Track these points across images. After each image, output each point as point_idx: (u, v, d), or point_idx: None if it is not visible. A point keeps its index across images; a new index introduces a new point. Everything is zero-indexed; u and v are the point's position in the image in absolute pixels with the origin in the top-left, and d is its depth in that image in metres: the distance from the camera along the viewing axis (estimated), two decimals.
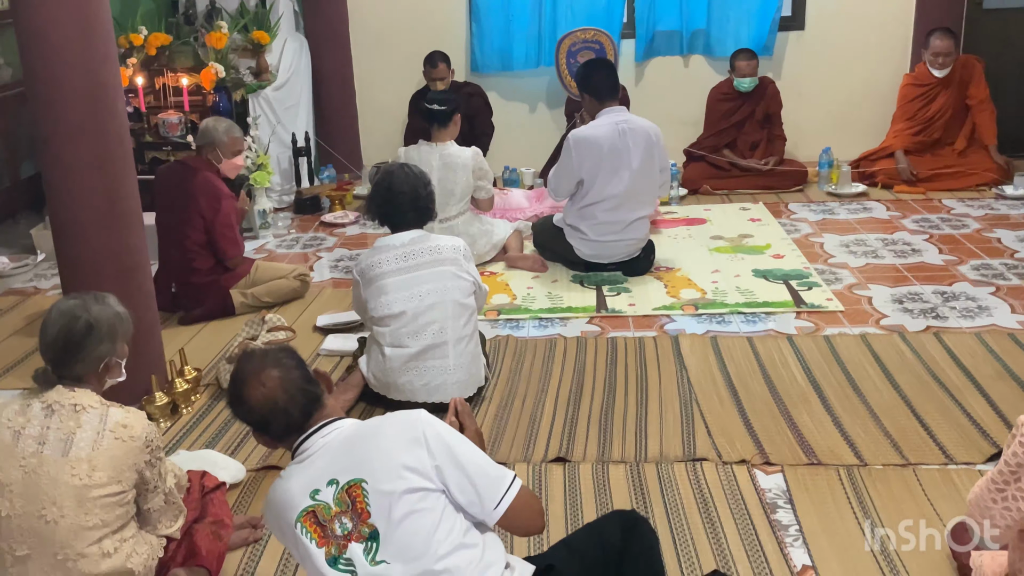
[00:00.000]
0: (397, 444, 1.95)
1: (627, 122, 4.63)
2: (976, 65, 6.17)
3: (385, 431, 1.99)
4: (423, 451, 1.94)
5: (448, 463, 1.95)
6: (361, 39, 6.84)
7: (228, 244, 4.42)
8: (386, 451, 1.95)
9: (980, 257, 4.84)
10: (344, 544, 1.93)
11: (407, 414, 2.03)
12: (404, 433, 1.97)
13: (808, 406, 3.41)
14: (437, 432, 1.98)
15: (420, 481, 1.92)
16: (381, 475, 1.92)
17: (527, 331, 4.22)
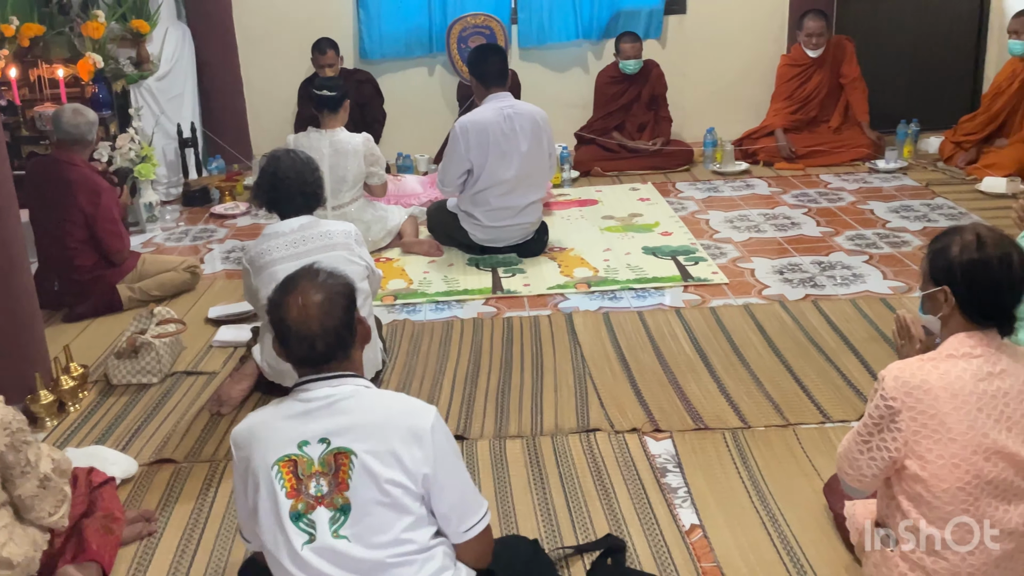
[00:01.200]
0: (399, 432, 1.91)
1: (512, 107, 4.69)
2: (847, 45, 6.44)
3: (393, 413, 1.95)
4: (419, 451, 1.90)
5: (439, 474, 1.92)
6: (246, 26, 6.72)
7: (112, 239, 4.31)
8: (386, 433, 1.90)
9: (855, 228, 5.08)
10: (313, 505, 1.90)
11: (418, 405, 1.98)
12: (410, 424, 1.92)
13: (695, 375, 3.54)
14: (442, 439, 1.95)
15: (404, 479, 1.89)
16: (373, 454, 1.89)
17: (424, 315, 4.25)
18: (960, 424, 2.04)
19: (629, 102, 6.55)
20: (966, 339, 2.11)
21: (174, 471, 3.08)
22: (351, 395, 1.94)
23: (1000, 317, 2.12)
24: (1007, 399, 2.08)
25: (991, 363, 2.09)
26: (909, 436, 2.07)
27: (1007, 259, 2.09)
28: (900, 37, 6.96)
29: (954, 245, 2.12)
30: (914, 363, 2.12)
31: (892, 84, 6.90)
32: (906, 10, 6.94)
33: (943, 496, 2.05)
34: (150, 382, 3.66)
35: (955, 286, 2.11)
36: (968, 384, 2.06)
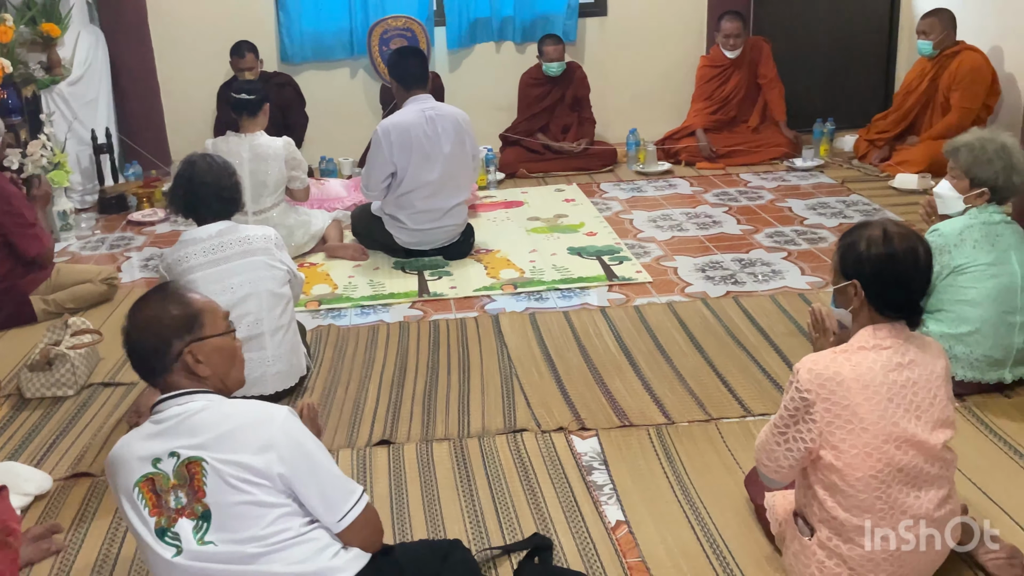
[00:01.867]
0: (246, 436, 1.95)
1: (434, 109, 4.68)
2: (764, 46, 6.58)
3: (240, 420, 1.98)
4: (272, 455, 1.94)
5: (298, 472, 1.95)
6: (162, 30, 6.57)
7: (29, 242, 4.15)
8: (236, 439, 1.94)
9: (774, 225, 5.19)
10: (175, 518, 1.93)
11: (266, 410, 2.01)
12: (257, 429, 1.96)
13: (620, 372, 3.57)
14: (294, 438, 1.98)
15: (259, 479, 1.93)
16: (223, 460, 1.92)
17: (349, 319, 4.22)
18: (871, 414, 2.11)
19: (553, 104, 6.59)
20: (876, 331, 2.17)
21: (91, 485, 3.00)
22: (201, 409, 2.00)
23: (908, 310, 2.20)
24: (916, 388, 2.15)
25: (900, 354, 2.15)
26: (823, 427, 2.12)
27: (913, 253, 2.16)
28: (815, 38, 7.13)
29: (862, 240, 2.19)
30: (827, 355, 2.17)
31: (808, 84, 7.07)
32: (820, 12, 7.12)
33: (857, 484, 2.11)
34: (65, 394, 3.56)
35: (864, 280, 2.18)
36: (879, 375, 2.13)
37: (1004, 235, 3.18)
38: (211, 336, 2.07)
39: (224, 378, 2.10)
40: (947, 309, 3.19)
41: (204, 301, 2.13)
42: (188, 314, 2.06)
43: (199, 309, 2.08)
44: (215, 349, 2.08)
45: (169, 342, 2.03)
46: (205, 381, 2.06)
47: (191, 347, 2.04)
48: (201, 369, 2.05)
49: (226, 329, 2.13)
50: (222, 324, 2.12)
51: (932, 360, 2.20)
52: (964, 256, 3.14)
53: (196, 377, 2.05)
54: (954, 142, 3.25)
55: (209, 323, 2.08)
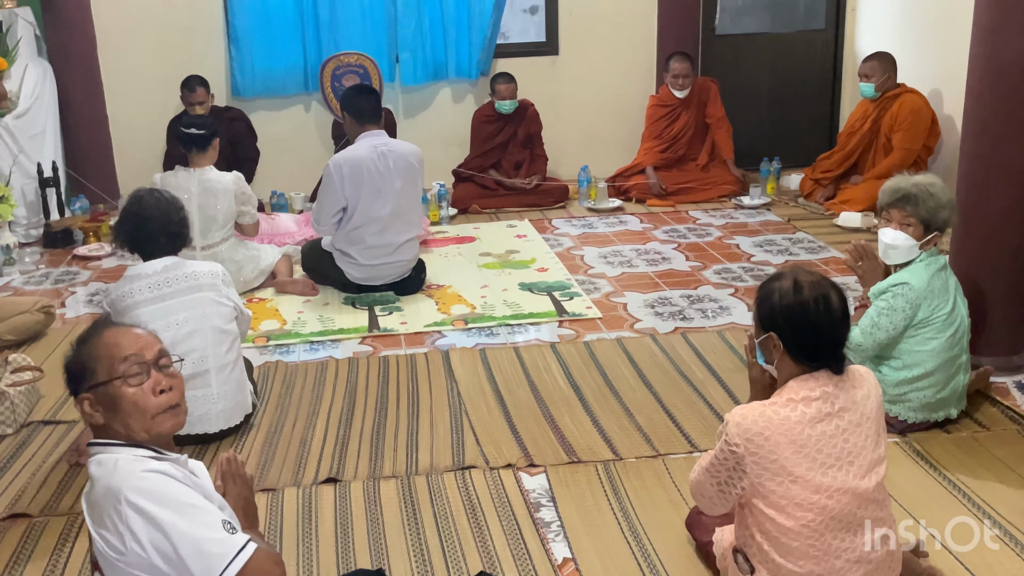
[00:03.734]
0: (106, 510, 1.83)
1: (387, 145, 4.70)
2: (712, 86, 6.71)
3: (102, 489, 1.85)
4: (125, 536, 1.80)
5: (153, 548, 1.80)
6: (112, 64, 6.53)
7: None
8: (100, 510, 1.84)
9: (721, 262, 5.26)
10: (92, 569, 1.92)
11: (112, 484, 1.84)
12: (107, 507, 1.83)
13: (569, 408, 3.58)
14: (139, 512, 1.81)
15: (120, 557, 1.82)
16: (93, 529, 1.86)
17: (297, 355, 4.18)
18: (799, 467, 2.11)
19: (505, 141, 6.64)
20: (804, 383, 2.18)
21: (28, 526, 2.92)
22: (92, 467, 1.91)
23: (827, 357, 2.19)
24: (846, 436, 2.16)
25: (830, 404, 2.16)
26: (754, 479, 2.14)
27: (824, 300, 2.16)
28: (762, 79, 7.30)
29: (774, 292, 2.20)
30: (756, 409, 2.17)
31: (755, 124, 7.22)
32: (767, 54, 7.29)
33: (789, 533, 2.13)
34: (4, 433, 3.48)
35: (779, 331, 2.19)
36: (806, 428, 2.13)
37: (950, 279, 3.23)
38: (98, 384, 1.93)
39: (125, 427, 1.93)
40: (905, 356, 3.21)
41: (104, 344, 1.97)
42: (80, 362, 1.97)
43: (91, 354, 1.96)
44: (105, 398, 1.93)
45: (73, 390, 1.98)
46: (107, 430, 1.95)
47: (85, 395, 1.95)
48: (93, 419, 1.95)
49: (119, 375, 1.93)
50: (117, 369, 1.93)
51: (863, 400, 2.20)
52: (929, 308, 3.15)
53: (96, 426, 1.96)
54: (903, 190, 3.17)
55: (102, 369, 1.94)
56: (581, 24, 7.03)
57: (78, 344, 2.01)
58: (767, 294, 2.22)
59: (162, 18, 6.57)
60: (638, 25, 7.03)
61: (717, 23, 7.16)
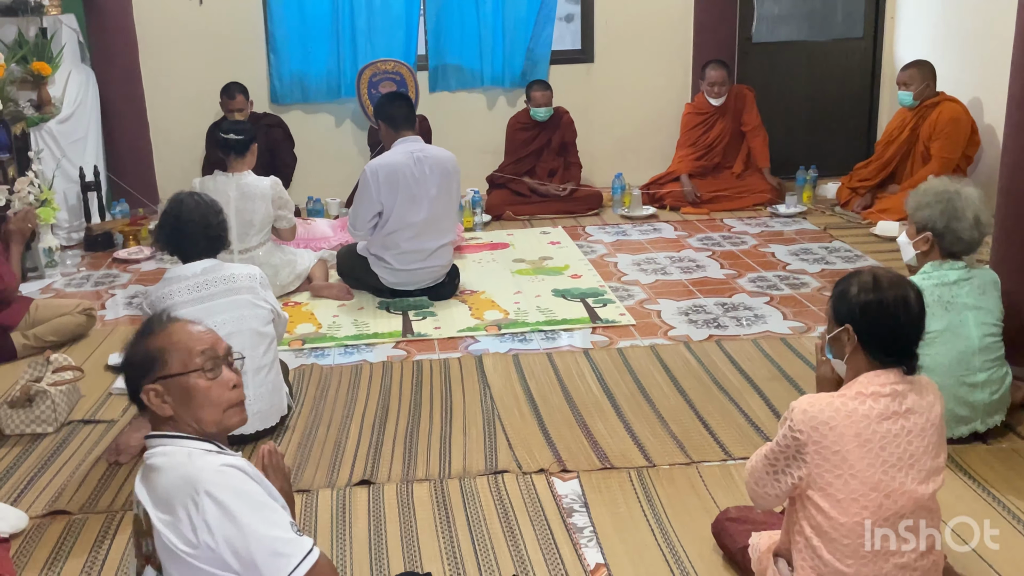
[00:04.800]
0: (177, 501, 1.84)
1: (422, 151, 4.73)
2: (748, 94, 6.68)
3: (174, 479, 1.86)
4: (198, 528, 1.81)
5: (225, 543, 1.81)
6: (153, 71, 6.63)
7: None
8: (169, 500, 1.85)
9: (756, 270, 5.23)
10: (144, 563, 1.91)
11: (191, 476, 1.85)
12: (187, 491, 1.83)
13: (602, 414, 3.58)
14: (218, 505, 1.82)
15: (189, 548, 1.82)
16: (161, 520, 1.85)
17: (332, 359, 4.21)
18: (861, 462, 2.11)
19: (540, 148, 6.66)
20: (875, 378, 2.18)
21: (67, 523, 2.97)
22: (158, 458, 1.91)
23: (901, 355, 2.20)
24: (910, 438, 2.15)
25: (898, 403, 2.16)
26: (813, 468, 2.13)
27: (903, 298, 2.19)
28: (798, 87, 7.26)
29: (853, 286, 2.23)
30: (825, 399, 2.18)
31: (791, 132, 7.17)
32: (803, 61, 7.24)
33: (842, 529, 2.12)
34: (45, 431, 3.54)
35: (855, 325, 2.20)
36: (873, 424, 2.13)
37: (959, 296, 3.14)
38: (173, 375, 1.95)
39: (195, 420, 1.95)
40: None
41: (178, 337, 1.99)
42: (150, 352, 1.97)
43: (164, 346, 1.97)
44: (178, 389, 1.95)
45: (137, 382, 1.97)
46: (174, 422, 1.96)
47: (153, 386, 1.95)
48: (162, 409, 1.95)
49: (196, 367, 1.96)
50: (193, 362, 1.96)
51: (929, 407, 2.20)
52: None
53: (160, 417, 1.96)
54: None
55: (177, 361, 1.96)
56: (617, 32, 7.03)
57: (141, 336, 2.01)
58: (846, 288, 2.24)
59: (203, 26, 6.67)
60: (674, 33, 7.02)
61: (753, 31, 7.14)
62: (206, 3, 6.64)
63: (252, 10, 6.74)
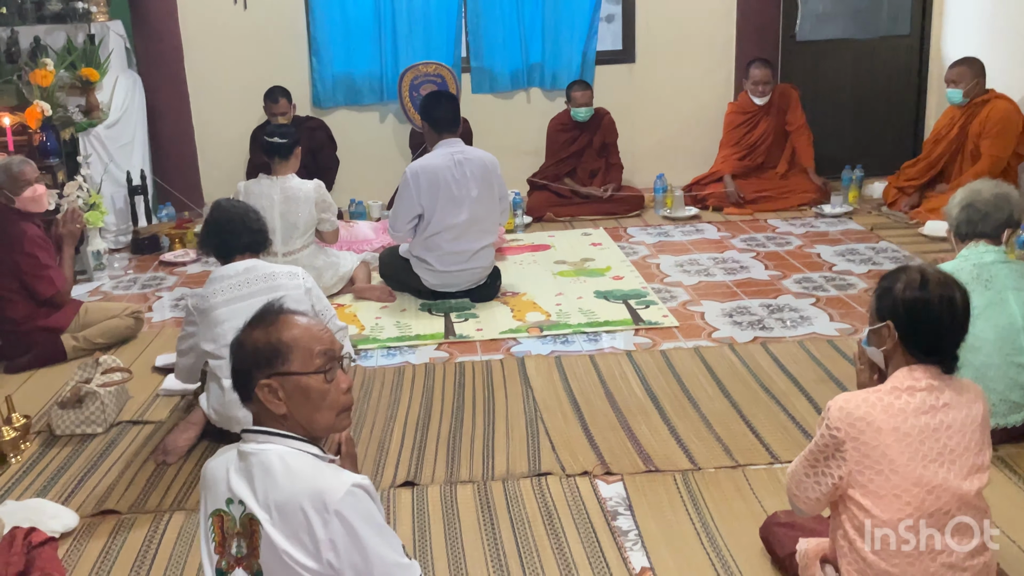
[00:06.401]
0: (303, 512, 1.81)
1: (463, 153, 4.74)
2: (792, 93, 6.60)
3: (300, 491, 1.82)
4: (324, 534, 1.79)
5: (347, 559, 1.80)
6: (198, 75, 6.72)
7: (42, 284, 4.18)
8: (291, 511, 1.81)
9: (802, 271, 5.16)
10: (233, 565, 1.89)
11: (331, 488, 1.82)
12: (315, 505, 1.80)
13: (646, 417, 3.55)
14: (350, 522, 1.81)
15: (309, 561, 1.81)
16: (278, 529, 1.82)
17: (375, 360, 4.23)
18: (901, 456, 2.08)
19: (581, 149, 6.64)
20: (910, 373, 2.16)
21: (116, 523, 3.01)
22: (271, 464, 1.86)
23: (942, 354, 2.17)
24: (949, 432, 2.12)
25: (935, 397, 2.14)
26: (852, 466, 2.11)
27: (949, 299, 2.15)
28: (844, 85, 7.16)
29: (899, 282, 2.20)
30: (860, 395, 2.16)
31: (837, 131, 7.08)
32: (848, 59, 7.15)
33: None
34: (94, 432, 3.59)
35: (897, 321, 2.17)
36: (910, 418, 2.11)
37: (998, 276, 3.14)
38: (292, 373, 1.90)
39: (307, 421, 1.92)
40: None
41: (299, 333, 1.93)
42: (271, 345, 1.91)
43: (286, 341, 1.91)
44: (296, 388, 1.90)
45: (249, 371, 1.92)
46: (285, 421, 1.92)
47: (268, 381, 1.90)
48: (276, 407, 1.90)
49: (316, 368, 1.91)
50: (313, 362, 1.91)
51: (969, 404, 2.17)
52: None
53: (273, 415, 1.92)
54: None
55: (297, 359, 1.90)
56: (658, 32, 6.98)
57: (255, 324, 1.96)
58: (891, 284, 2.21)
59: (246, 30, 6.74)
60: (717, 32, 6.96)
61: (798, 29, 7.05)
62: (249, 7, 6.71)
63: (294, 13, 6.79)
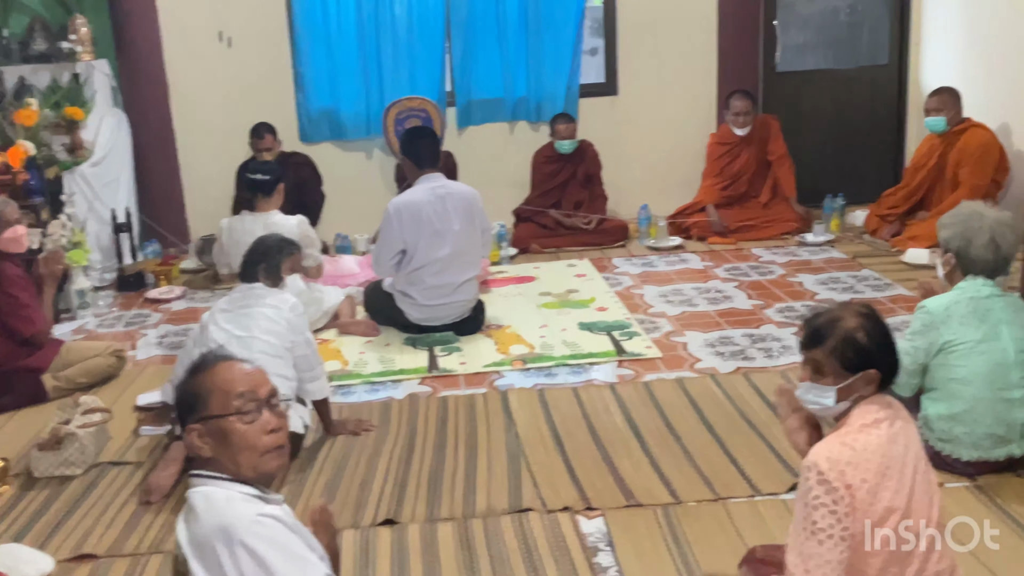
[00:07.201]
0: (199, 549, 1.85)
1: (445, 187, 4.77)
2: (773, 123, 6.66)
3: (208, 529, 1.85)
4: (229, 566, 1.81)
5: None
6: (184, 112, 6.75)
7: (22, 323, 4.17)
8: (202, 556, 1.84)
9: (784, 300, 5.18)
10: None
11: (225, 527, 1.84)
12: (213, 541, 1.83)
13: (628, 450, 3.55)
14: (253, 556, 1.82)
15: None
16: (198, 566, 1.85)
17: (358, 396, 4.23)
18: (887, 491, 2.10)
19: (565, 181, 6.68)
20: (870, 407, 2.18)
21: (93, 567, 2.99)
22: (197, 500, 1.91)
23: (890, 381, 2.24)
24: (908, 455, 2.16)
25: (892, 424, 2.17)
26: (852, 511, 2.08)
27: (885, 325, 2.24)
28: (824, 115, 7.22)
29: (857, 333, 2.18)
30: (835, 442, 2.15)
31: (818, 160, 7.13)
32: (829, 90, 7.22)
33: (868, 558, 2.09)
34: (74, 474, 3.57)
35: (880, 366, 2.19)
36: (883, 448, 2.13)
37: (994, 309, 3.17)
38: (211, 417, 1.95)
39: (233, 463, 1.94)
40: (940, 388, 3.19)
41: (221, 378, 1.98)
42: (194, 391, 1.99)
43: (207, 386, 1.98)
44: (217, 431, 1.95)
45: (183, 418, 1.99)
46: (214, 463, 1.95)
47: (194, 426, 1.96)
48: (202, 450, 1.95)
49: (234, 410, 1.95)
50: (231, 405, 1.95)
51: (908, 420, 2.24)
52: (952, 332, 3.15)
53: (203, 457, 1.96)
54: None
55: (216, 402, 1.95)
56: (640, 65, 7.04)
57: (190, 373, 2.03)
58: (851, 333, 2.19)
59: (232, 67, 6.77)
60: (698, 64, 7.02)
61: (778, 60, 7.12)
62: (235, 45, 6.75)
63: (280, 50, 6.84)
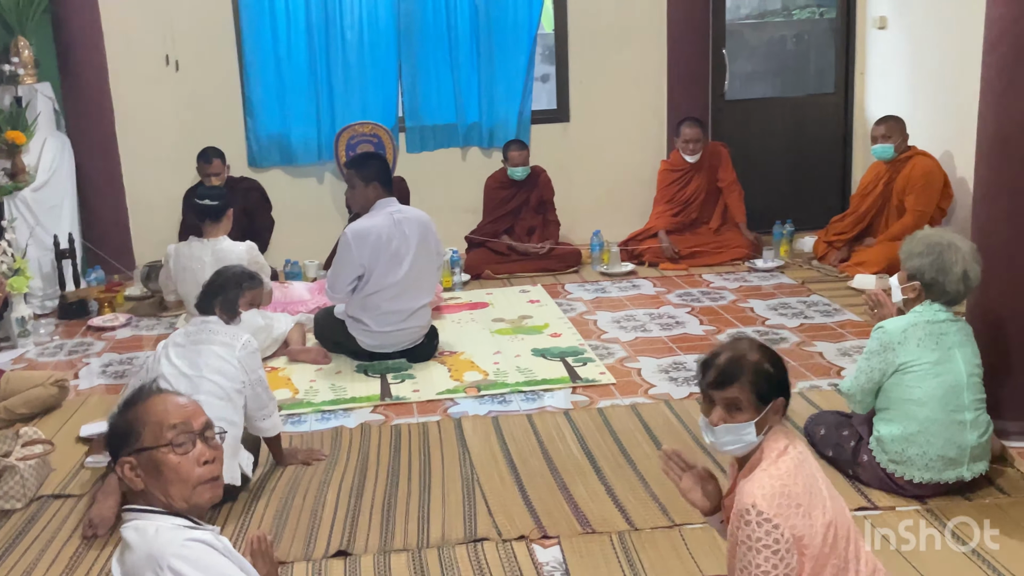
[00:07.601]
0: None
1: (400, 212, 4.74)
2: (723, 150, 6.75)
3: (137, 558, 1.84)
4: None
5: None
6: (129, 137, 6.64)
7: None
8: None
9: (736, 326, 5.22)
10: None
11: (154, 545, 1.85)
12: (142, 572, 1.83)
13: (583, 477, 3.53)
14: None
15: None
16: None
17: (309, 425, 4.16)
18: (817, 508, 2.13)
19: (518, 206, 6.68)
20: (776, 435, 2.22)
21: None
22: (130, 534, 1.91)
23: None
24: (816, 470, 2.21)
25: (795, 445, 2.21)
26: (794, 541, 2.08)
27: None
28: (773, 142, 7.34)
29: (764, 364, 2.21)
30: (763, 478, 2.13)
31: (767, 187, 7.23)
32: (777, 118, 7.34)
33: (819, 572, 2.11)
34: (13, 508, 3.45)
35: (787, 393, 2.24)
36: (801, 469, 2.16)
37: (949, 333, 3.24)
38: (143, 449, 1.93)
39: (164, 495, 1.93)
40: (894, 408, 3.24)
41: (155, 410, 1.97)
42: (128, 424, 1.97)
43: (140, 418, 1.96)
44: (149, 463, 1.93)
45: (116, 452, 1.97)
46: (146, 496, 1.94)
47: (127, 459, 1.94)
48: (134, 483, 1.94)
49: (166, 442, 1.93)
50: (164, 436, 1.94)
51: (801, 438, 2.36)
52: (908, 354, 3.20)
53: (135, 491, 1.95)
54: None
55: (149, 434, 1.94)
56: (591, 91, 7.11)
57: (123, 407, 2.02)
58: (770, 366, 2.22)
59: (180, 91, 6.70)
60: (648, 91, 7.11)
61: (727, 88, 7.23)
62: (182, 68, 6.67)
63: (229, 74, 6.77)
